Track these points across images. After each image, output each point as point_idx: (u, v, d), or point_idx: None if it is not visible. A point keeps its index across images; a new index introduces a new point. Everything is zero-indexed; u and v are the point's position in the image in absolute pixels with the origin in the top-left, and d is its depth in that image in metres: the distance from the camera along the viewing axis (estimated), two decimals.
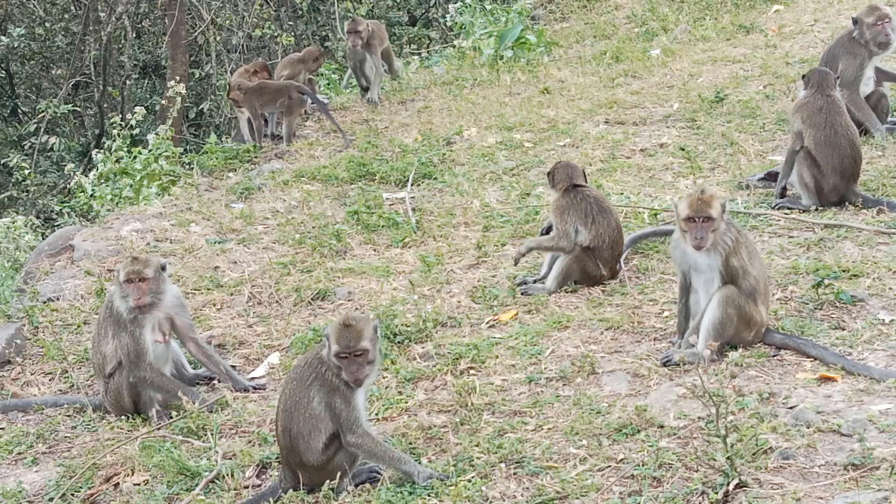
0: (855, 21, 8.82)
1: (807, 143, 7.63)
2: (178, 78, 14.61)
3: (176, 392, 6.15)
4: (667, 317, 6.46)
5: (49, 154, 18.11)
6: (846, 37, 8.91)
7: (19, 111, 20.06)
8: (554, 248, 7.08)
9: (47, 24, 19.71)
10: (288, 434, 5.10)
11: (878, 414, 5.04)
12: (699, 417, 5.20)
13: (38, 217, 14.49)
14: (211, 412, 6.13)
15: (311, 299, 7.38)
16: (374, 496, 5.03)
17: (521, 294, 7.03)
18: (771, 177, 8.16)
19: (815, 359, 5.66)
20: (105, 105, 18.98)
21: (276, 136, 11.19)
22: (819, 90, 7.76)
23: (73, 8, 20.11)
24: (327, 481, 5.04)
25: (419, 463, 5.19)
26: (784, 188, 7.89)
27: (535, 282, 7.15)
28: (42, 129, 17.94)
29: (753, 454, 4.82)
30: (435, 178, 9.38)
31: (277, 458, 5.38)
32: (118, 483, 5.62)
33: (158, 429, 6.06)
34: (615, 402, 5.56)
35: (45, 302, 7.75)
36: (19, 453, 6.12)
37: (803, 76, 8.05)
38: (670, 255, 6.34)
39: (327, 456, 5.08)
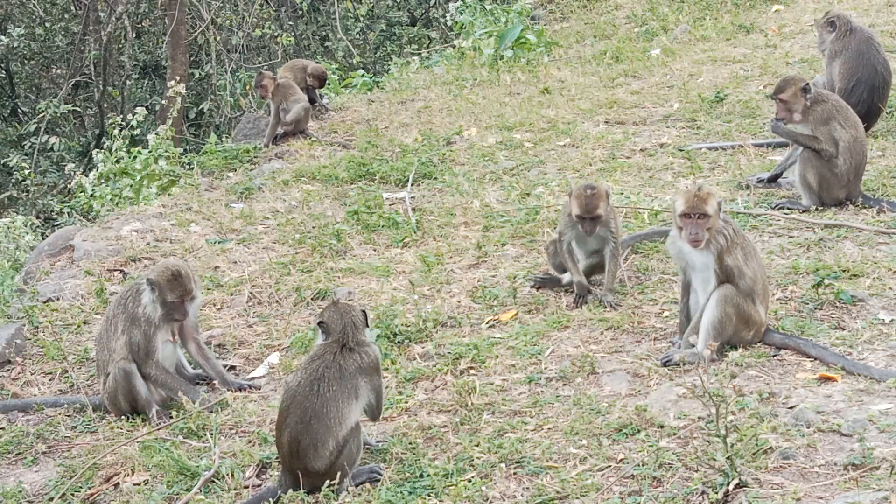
0: None
1: (841, 148, 7.52)
2: (178, 78, 14.60)
3: (177, 390, 6.19)
4: (667, 317, 6.46)
5: (49, 154, 18.12)
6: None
7: (19, 111, 20.07)
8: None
9: (47, 24, 19.71)
10: (296, 443, 5.06)
11: (878, 414, 5.04)
12: (699, 417, 5.20)
13: (38, 217, 14.51)
14: (211, 412, 6.13)
15: (311, 299, 7.38)
16: (374, 496, 5.03)
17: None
18: (773, 180, 8.16)
19: (815, 359, 5.66)
20: (105, 105, 19.00)
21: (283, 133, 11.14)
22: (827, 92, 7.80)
23: (73, 8, 20.12)
24: (327, 481, 5.04)
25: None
26: (778, 175, 8.02)
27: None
28: (42, 129, 17.96)
29: (753, 454, 4.82)
30: (435, 178, 9.37)
31: (277, 458, 5.37)
32: (118, 483, 5.62)
33: (158, 429, 6.06)
34: (615, 402, 5.56)
35: (45, 302, 7.74)
36: (19, 453, 6.12)
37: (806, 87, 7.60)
38: (668, 252, 6.35)
39: (331, 461, 5.08)
